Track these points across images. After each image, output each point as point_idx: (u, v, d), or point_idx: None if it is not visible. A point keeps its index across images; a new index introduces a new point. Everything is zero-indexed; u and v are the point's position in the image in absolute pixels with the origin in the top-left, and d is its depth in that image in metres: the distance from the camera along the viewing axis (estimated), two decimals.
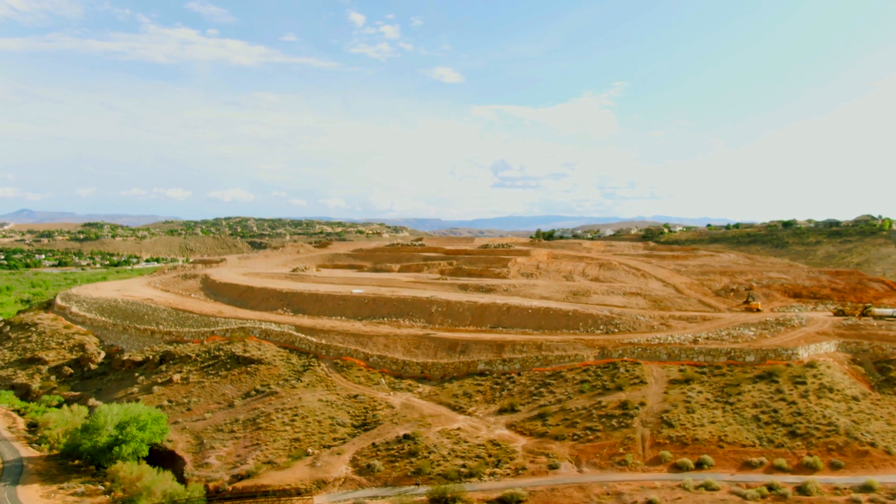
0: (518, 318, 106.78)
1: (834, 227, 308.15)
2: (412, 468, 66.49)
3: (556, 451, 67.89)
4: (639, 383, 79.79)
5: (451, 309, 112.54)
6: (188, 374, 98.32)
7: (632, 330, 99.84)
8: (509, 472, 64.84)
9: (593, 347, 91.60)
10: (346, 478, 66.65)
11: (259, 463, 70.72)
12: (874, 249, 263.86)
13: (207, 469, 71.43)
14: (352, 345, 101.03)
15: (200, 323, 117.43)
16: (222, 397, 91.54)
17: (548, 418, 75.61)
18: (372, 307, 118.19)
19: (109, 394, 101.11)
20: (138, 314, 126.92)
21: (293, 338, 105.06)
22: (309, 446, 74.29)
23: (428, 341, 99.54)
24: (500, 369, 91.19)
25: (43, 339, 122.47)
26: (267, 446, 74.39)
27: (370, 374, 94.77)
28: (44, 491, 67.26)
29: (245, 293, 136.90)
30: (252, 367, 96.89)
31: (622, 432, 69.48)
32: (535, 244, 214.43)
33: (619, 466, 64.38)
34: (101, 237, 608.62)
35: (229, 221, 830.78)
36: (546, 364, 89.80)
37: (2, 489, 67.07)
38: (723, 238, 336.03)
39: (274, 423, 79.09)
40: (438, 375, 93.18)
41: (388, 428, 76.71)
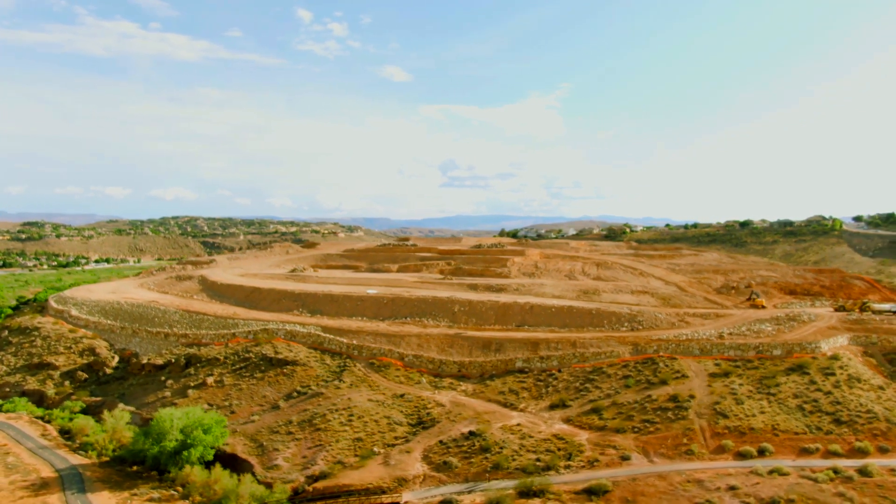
0: (542, 317, 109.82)
1: (788, 227, 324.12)
2: (489, 463, 68.51)
3: (622, 444, 71.12)
4: (681, 377, 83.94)
5: (474, 308, 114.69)
6: (221, 377, 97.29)
7: (654, 327, 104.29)
8: (584, 465, 67.66)
9: (626, 344, 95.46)
10: (425, 475, 68.13)
11: (330, 463, 71.38)
12: (828, 248, 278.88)
13: (278, 471, 71.63)
14: (384, 345, 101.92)
15: (218, 325, 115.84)
16: (264, 399, 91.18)
17: (602, 412, 78.79)
18: (392, 307, 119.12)
19: (136, 398, 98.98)
20: (147, 317, 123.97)
21: (321, 339, 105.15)
22: (373, 445, 75.28)
23: (461, 340, 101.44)
24: (538, 366, 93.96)
25: (48, 343, 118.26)
26: (331, 447, 75.01)
27: (408, 373, 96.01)
28: (117, 498, 66.26)
29: (252, 294, 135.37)
30: (288, 368, 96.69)
31: (681, 424, 73.24)
32: (524, 244, 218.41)
33: (686, 456, 68.04)
34: (44, 237, 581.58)
35: (178, 220, 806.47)
36: (583, 361, 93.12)
37: (73, 498, 65.76)
38: (683, 237, 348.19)
39: (331, 424, 79.61)
40: (477, 374, 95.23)
41: (448, 426, 78.36)
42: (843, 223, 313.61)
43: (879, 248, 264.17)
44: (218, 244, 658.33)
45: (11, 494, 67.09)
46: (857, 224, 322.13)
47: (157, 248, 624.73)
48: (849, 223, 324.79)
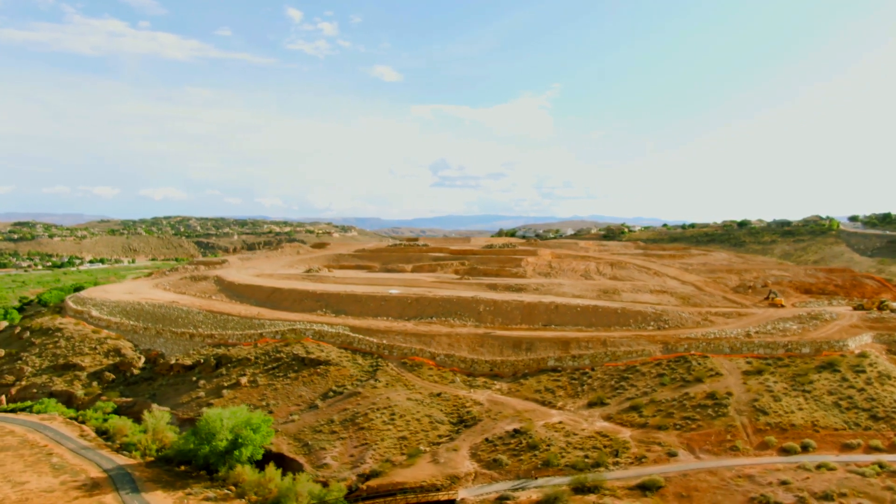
0: (568, 316, 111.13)
1: (786, 227, 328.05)
2: (538, 460, 69.63)
3: (666, 440, 72.46)
4: (715, 375, 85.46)
5: (499, 308, 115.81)
6: (254, 377, 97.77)
7: (679, 326, 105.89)
8: (631, 461, 68.93)
9: (655, 343, 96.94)
10: (476, 472, 69.12)
11: (379, 461, 72.18)
12: (827, 248, 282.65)
13: (328, 470, 72.35)
14: (415, 344, 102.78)
15: (243, 325, 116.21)
16: (300, 399, 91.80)
17: (642, 410, 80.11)
18: (417, 307, 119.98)
19: (168, 399, 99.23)
20: (170, 317, 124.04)
21: (350, 338, 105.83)
22: (418, 444, 76.15)
23: (491, 339, 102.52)
24: (570, 365, 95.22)
25: (73, 344, 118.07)
26: (377, 445, 75.82)
27: (441, 372, 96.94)
28: (172, 498, 66.74)
29: (273, 295, 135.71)
30: (321, 368, 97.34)
31: (722, 420, 74.70)
32: (535, 244, 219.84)
33: (731, 452, 69.48)
34: (37, 237, 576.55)
35: (170, 221, 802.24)
36: (615, 359, 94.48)
37: (129, 497, 66.18)
38: (681, 237, 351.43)
39: (374, 423, 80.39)
40: (510, 372, 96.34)
41: (490, 424, 79.41)
42: (840, 223, 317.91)
43: (878, 248, 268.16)
44: (212, 244, 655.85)
45: (66, 494, 67.39)
46: (853, 224, 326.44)
47: (150, 248, 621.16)
48: (845, 223, 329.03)
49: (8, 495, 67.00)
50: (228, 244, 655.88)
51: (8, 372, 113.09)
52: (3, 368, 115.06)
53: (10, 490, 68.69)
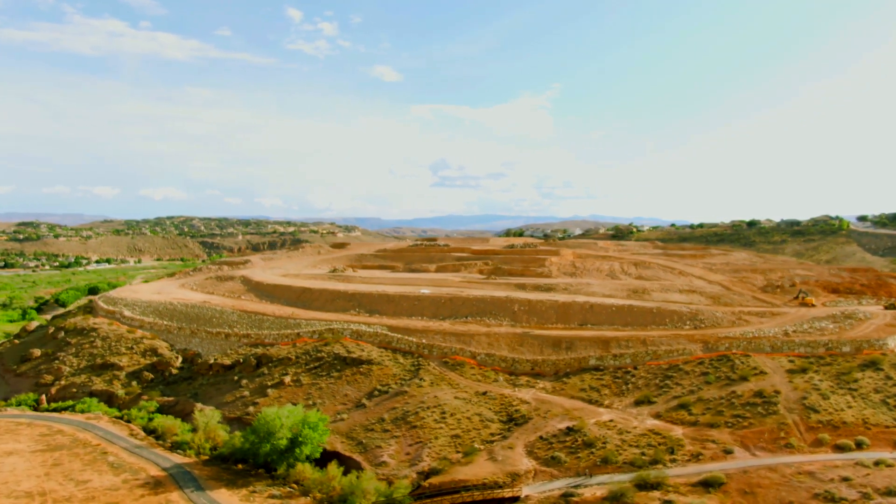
0: (603, 316, 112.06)
1: (796, 227, 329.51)
2: (596, 458, 70.50)
3: (719, 438, 73.33)
4: (759, 374, 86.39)
5: (534, 307, 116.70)
6: (297, 376, 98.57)
7: (715, 325, 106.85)
8: (688, 458, 69.79)
9: (695, 342, 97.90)
10: (536, 470, 70.00)
11: (435, 459, 73.00)
12: (838, 248, 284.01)
13: (386, 468, 73.13)
14: (454, 343, 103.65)
15: (279, 325, 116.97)
16: (346, 398, 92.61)
17: (690, 408, 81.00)
18: (451, 307, 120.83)
19: (211, 398, 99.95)
20: (204, 317, 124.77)
21: (389, 338, 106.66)
22: (472, 442, 76.96)
23: (531, 339, 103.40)
24: (612, 364, 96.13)
25: (109, 344, 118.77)
26: (431, 443, 76.63)
27: (483, 371, 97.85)
28: (238, 496, 67.62)
29: (303, 295, 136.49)
30: (364, 367, 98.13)
31: (773, 418, 75.58)
32: (554, 244, 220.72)
33: (787, 449, 70.35)
34: (42, 237, 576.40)
35: (173, 221, 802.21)
36: (656, 358, 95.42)
37: (195, 495, 67.00)
38: (690, 237, 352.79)
39: (426, 421, 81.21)
40: (551, 371, 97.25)
41: (541, 422, 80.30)
42: (850, 223, 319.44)
43: (889, 248, 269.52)
44: (217, 244, 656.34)
45: (131, 493, 68.18)
46: (863, 224, 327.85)
47: (155, 248, 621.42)
48: (855, 223, 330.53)
49: (74, 494, 67.78)
50: (233, 244, 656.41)
51: (46, 372, 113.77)
52: (41, 368, 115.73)
53: (74, 488, 69.47)
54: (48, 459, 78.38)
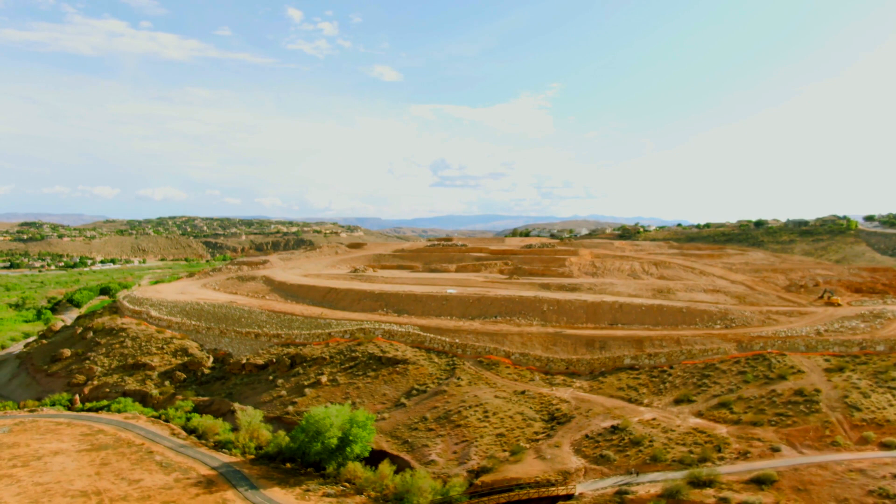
0: (633, 315, 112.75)
1: (803, 227, 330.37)
2: (645, 456, 71.12)
3: (764, 436, 73.99)
4: (797, 372, 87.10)
5: (563, 307, 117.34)
6: (334, 376, 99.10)
7: (746, 324, 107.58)
8: (736, 456, 70.41)
9: (729, 341, 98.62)
10: (586, 468, 70.60)
11: (483, 458, 73.55)
12: (848, 247, 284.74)
13: (435, 466, 73.67)
14: (488, 343, 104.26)
15: (309, 325, 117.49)
16: (384, 397, 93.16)
17: (731, 406, 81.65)
18: (479, 307, 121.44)
19: (247, 398, 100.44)
20: (232, 317, 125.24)
21: (421, 338, 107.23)
22: (517, 440, 77.52)
23: (564, 338, 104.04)
24: (647, 363, 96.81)
25: (139, 344, 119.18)
26: (478, 442, 77.20)
27: (519, 371, 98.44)
28: (292, 494, 68.23)
29: (328, 295, 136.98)
30: (400, 367, 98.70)
31: (816, 417, 76.28)
32: (569, 243, 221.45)
33: (833, 447, 71.04)
34: (46, 237, 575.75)
35: (175, 220, 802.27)
36: (691, 357, 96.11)
37: (250, 494, 67.57)
38: (697, 237, 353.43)
39: (469, 420, 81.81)
40: (586, 371, 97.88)
41: (584, 421, 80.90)
42: (858, 223, 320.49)
43: None
44: (220, 244, 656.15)
45: (185, 492, 68.71)
46: (871, 223, 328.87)
47: (159, 248, 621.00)
48: (862, 223, 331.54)
49: (129, 493, 68.27)
50: (237, 244, 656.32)
51: (78, 371, 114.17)
52: (73, 368, 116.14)
53: (127, 487, 69.97)
54: (96, 459, 78.88)
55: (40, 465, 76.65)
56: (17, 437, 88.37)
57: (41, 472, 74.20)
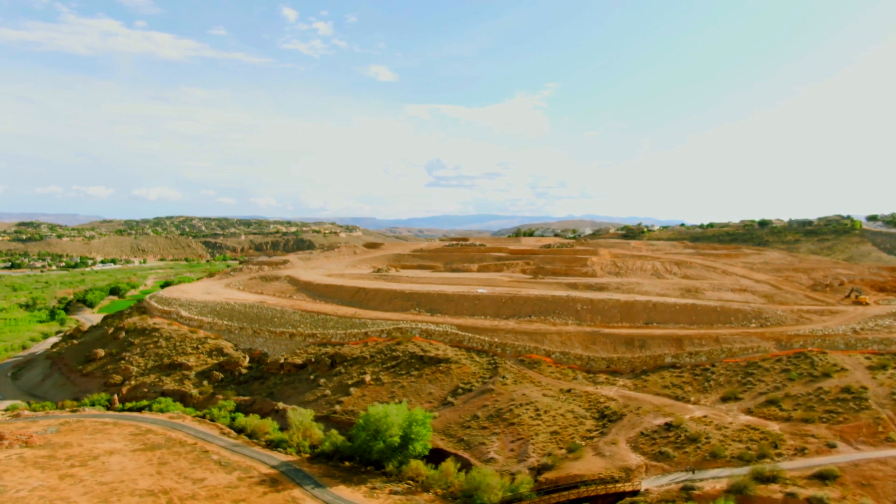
0: (668, 315, 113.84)
1: (808, 227, 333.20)
2: (703, 452, 72.08)
3: (817, 433, 75.13)
4: (840, 370, 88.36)
5: (596, 307, 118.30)
6: (377, 375, 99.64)
7: (780, 323, 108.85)
8: (793, 453, 71.51)
9: (767, 340, 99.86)
10: (647, 464, 71.53)
11: (542, 455, 74.33)
12: (853, 247, 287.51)
13: (495, 464, 74.36)
14: (527, 342, 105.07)
15: (344, 325, 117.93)
16: (430, 396, 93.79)
17: (780, 404, 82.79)
18: (512, 306, 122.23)
19: (290, 397, 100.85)
20: (265, 317, 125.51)
21: (460, 337, 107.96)
22: (571, 438, 78.35)
23: (602, 337, 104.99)
24: (688, 362, 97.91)
25: (173, 344, 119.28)
26: (534, 440, 77.99)
27: (561, 369, 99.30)
28: (360, 492, 68.85)
29: (357, 294, 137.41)
30: (443, 366, 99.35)
31: (867, 413, 77.45)
32: (585, 243, 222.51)
33: (888, 443, 72.26)
34: (45, 237, 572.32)
35: (173, 220, 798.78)
36: (732, 356, 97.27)
37: (318, 492, 68.08)
38: (702, 237, 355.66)
39: (522, 418, 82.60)
40: (627, 369, 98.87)
41: (635, 419, 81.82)
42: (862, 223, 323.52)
43: None
44: (220, 244, 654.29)
45: (251, 490, 69.13)
46: (875, 223, 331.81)
47: (158, 248, 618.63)
48: (865, 223, 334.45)
49: (196, 492, 68.60)
50: (236, 244, 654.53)
51: (114, 372, 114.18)
52: (108, 368, 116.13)
53: (193, 486, 70.30)
54: (153, 458, 79.12)
55: (98, 464, 76.82)
56: (66, 437, 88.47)
57: (101, 471, 74.39)
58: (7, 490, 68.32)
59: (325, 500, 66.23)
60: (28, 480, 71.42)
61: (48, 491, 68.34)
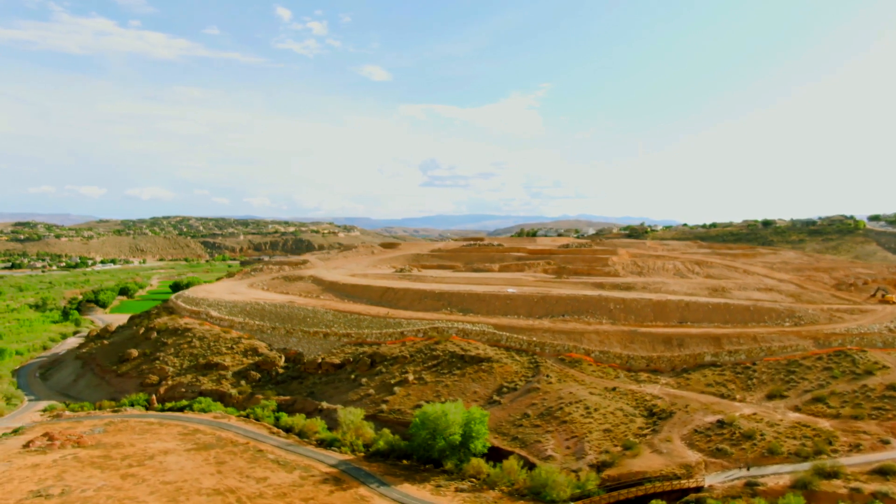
0: (701, 314, 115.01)
1: (811, 226, 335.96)
2: (760, 449, 73.08)
3: (868, 429, 76.29)
4: (882, 368, 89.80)
5: (629, 306, 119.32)
6: (419, 374, 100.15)
7: (814, 322, 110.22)
8: (849, 449, 72.65)
9: (804, 338, 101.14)
10: (706, 461, 72.46)
11: (598, 453, 75.12)
12: (858, 247, 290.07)
13: (554, 461, 75.06)
14: (565, 341, 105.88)
15: (378, 324, 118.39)
16: (475, 394, 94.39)
17: (827, 401, 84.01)
18: (543, 306, 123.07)
19: (331, 396, 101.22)
20: (297, 317, 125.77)
21: (497, 336, 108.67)
22: (625, 435, 79.13)
23: (640, 336, 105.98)
24: (728, 360, 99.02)
25: (207, 344, 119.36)
26: (588, 437, 78.76)
27: (602, 368, 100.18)
28: (425, 490, 69.38)
29: (386, 294, 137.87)
30: (485, 365, 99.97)
31: None
32: (602, 243, 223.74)
33: None
34: (43, 237, 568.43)
35: (170, 220, 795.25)
36: (771, 354, 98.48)
37: (385, 490, 68.56)
38: (706, 237, 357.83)
39: (573, 416, 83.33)
40: (667, 368, 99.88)
41: (685, 416, 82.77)
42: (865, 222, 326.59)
43: None
44: (218, 244, 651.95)
45: (317, 489, 69.53)
46: (878, 223, 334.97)
47: (157, 248, 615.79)
48: (868, 223, 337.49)
49: (263, 491, 68.87)
50: (235, 244, 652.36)
51: (150, 372, 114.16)
52: (143, 369, 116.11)
53: (257, 485, 70.60)
54: (209, 457, 79.34)
55: (156, 464, 76.97)
56: (115, 437, 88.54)
57: (161, 471, 74.56)
58: (73, 490, 68.45)
59: (393, 497, 66.71)
60: (90, 480, 71.55)
61: (114, 491, 68.49)
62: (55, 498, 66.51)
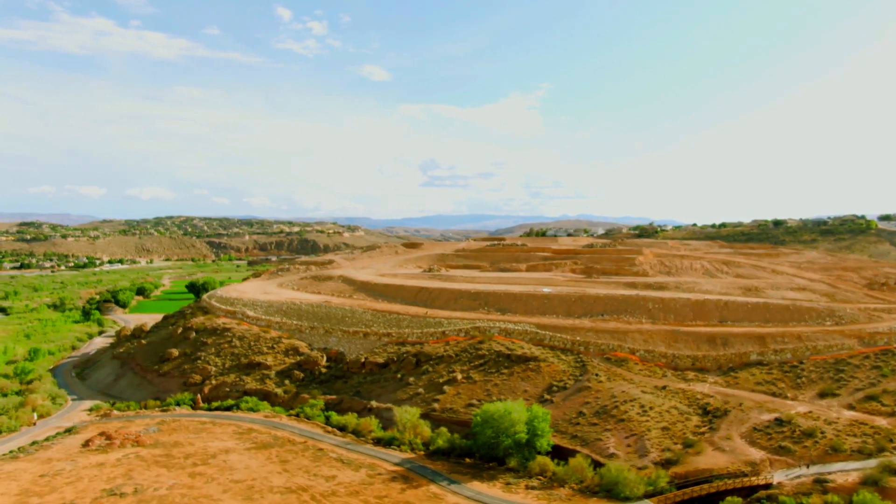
0: (740, 313, 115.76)
1: (823, 226, 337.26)
2: (823, 447, 73.78)
3: None
4: None
5: (668, 306, 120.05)
6: (467, 373, 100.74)
7: (854, 321, 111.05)
8: None
9: (848, 337, 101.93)
10: (769, 459, 73.17)
11: (659, 451, 75.79)
12: (871, 247, 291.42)
13: (618, 459, 75.68)
14: (609, 340, 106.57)
15: (418, 324, 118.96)
16: (525, 393, 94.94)
17: (880, 399, 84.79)
18: (581, 306, 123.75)
19: (378, 395, 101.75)
20: (335, 316, 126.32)
21: (540, 336, 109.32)
22: (683, 433, 79.79)
23: (683, 335, 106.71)
24: (774, 359, 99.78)
25: (248, 343, 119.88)
26: (647, 435, 79.41)
27: (648, 367, 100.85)
28: (496, 487, 70.03)
29: (420, 294, 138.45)
30: (532, 364, 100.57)
31: None
32: (624, 243, 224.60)
33: None
34: (49, 237, 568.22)
35: (174, 220, 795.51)
36: (817, 353, 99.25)
37: (456, 488, 69.20)
38: (717, 236, 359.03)
39: (630, 415, 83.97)
40: (713, 367, 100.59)
41: (741, 414, 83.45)
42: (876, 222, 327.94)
43: None
44: (224, 244, 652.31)
45: (387, 486, 70.14)
46: (890, 223, 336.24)
47: (163, 248, 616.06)
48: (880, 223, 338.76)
49: (335, 489, 69.42)
50: (240, 244, 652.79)
51: (192, 371, 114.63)
52: (185, 368, 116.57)
53: (327, 483, 71.17)
54: (271, 456, 79.91)
55: (220, 462, 77.55)
56: (171, 436, 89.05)
57: (227, 470, 75.13)
58: (145, 489, 68.96)
59: (466, 495, 67.33)
60: (160, 479, 72.08)
61: (186, 489, 69.02)
62: (129, 496, 67.02)
